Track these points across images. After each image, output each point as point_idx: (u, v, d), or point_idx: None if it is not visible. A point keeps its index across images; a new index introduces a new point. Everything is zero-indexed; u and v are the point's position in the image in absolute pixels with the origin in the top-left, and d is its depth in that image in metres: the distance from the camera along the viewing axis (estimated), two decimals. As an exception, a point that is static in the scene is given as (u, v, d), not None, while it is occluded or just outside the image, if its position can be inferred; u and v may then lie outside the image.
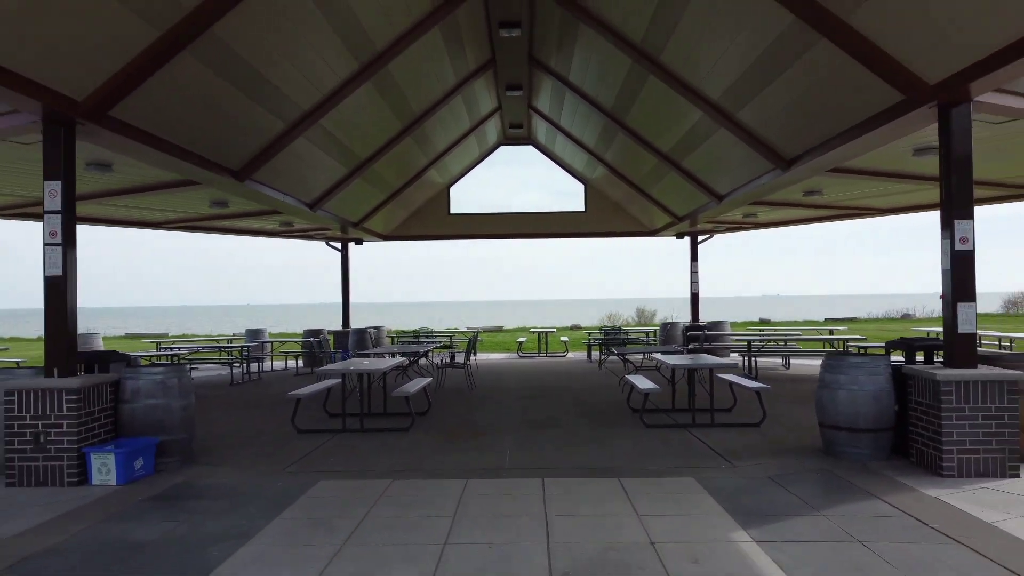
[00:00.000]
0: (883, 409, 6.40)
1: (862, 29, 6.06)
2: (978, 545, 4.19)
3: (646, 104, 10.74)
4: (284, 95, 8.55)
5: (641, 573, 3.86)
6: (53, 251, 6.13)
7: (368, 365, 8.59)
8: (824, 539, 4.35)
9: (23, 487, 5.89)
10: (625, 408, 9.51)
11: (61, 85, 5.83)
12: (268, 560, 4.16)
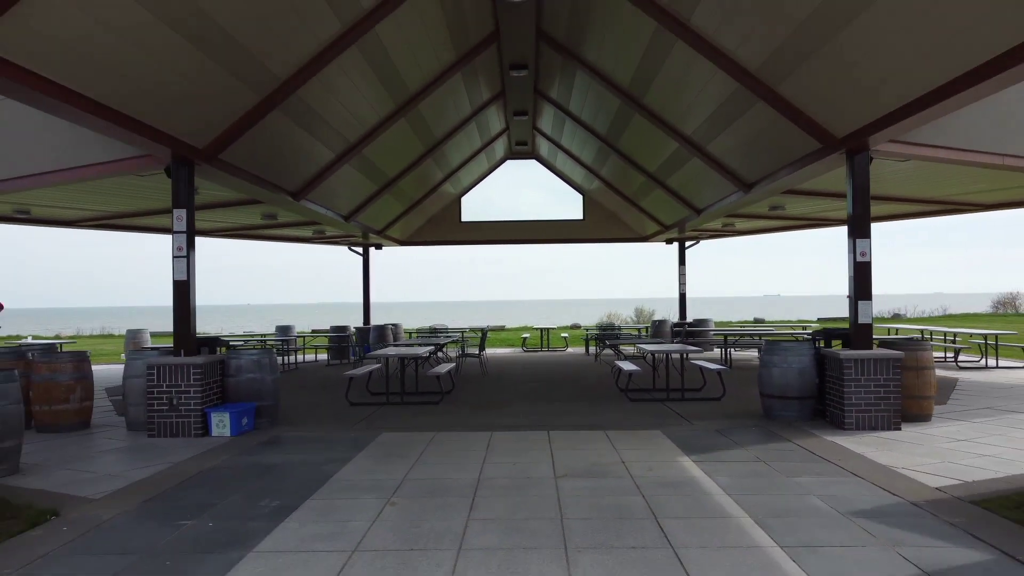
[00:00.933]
0: (806, 382, 8.51)
1: (787, 96, 8.19)
2: (843, 463, 6.30)
3: (634, 134, 12.87)
4: (336, 131, 10.67)
5: (614, 474, 5.97)
6: (179, 262, 8.25)
7: (408, 351, 10.72)
8: (739, 460, 6.47)
9: (161, 437, 7.99)
10: (614, 388, 11.62)
11: (188, 137, 7.96)
12: (367, 470, 6.27)
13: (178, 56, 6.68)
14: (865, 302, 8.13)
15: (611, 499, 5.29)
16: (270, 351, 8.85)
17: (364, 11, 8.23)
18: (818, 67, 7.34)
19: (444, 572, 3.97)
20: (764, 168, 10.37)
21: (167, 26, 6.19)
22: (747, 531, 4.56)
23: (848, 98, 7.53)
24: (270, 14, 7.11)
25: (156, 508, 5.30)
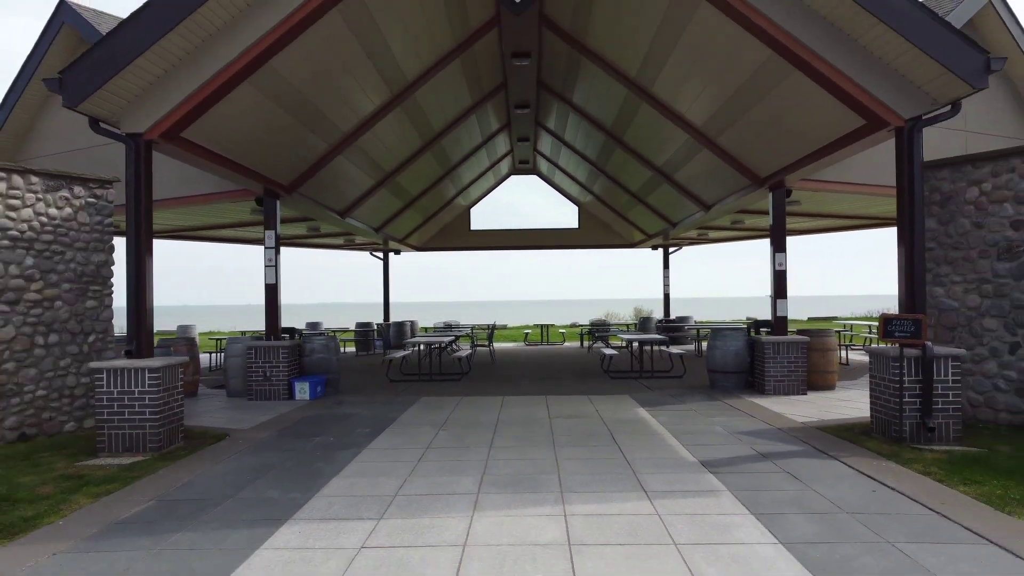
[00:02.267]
0: (741, 360, 11.43)
1: (723, 146, 11.14)
2: (748, 412, 9.22)
3: (617, 160, 15.81)
4: (377, 164, 13.61)
5: (589, 416, 8.88)
6: (270, 270, 11.18)
7: (434, 340, 13.65)
8: (677, 410, 9.40)
9: (259, 401, 10.92)
10: (600, 370, 14.56)
11: (277, 176, 10.90)
12: (419, 415, 9.21)
13: (274, 119, 9.63)
14: (782, 300, 11.05)
15: (584, 427, 8.23)
16: (334, 337, 11.80)
17: (407, 81, 11.18)
18: (744, 127, 10.29)
19: (483, 456, 6.89)
20: (717, 194, 13.32)
21: (271, 100, 9.12)
22: (666, 439, 7.49)
23: (766, 150, 10.48)
24: (342, 86, 10.06)
25: (289, 433, 8.24)
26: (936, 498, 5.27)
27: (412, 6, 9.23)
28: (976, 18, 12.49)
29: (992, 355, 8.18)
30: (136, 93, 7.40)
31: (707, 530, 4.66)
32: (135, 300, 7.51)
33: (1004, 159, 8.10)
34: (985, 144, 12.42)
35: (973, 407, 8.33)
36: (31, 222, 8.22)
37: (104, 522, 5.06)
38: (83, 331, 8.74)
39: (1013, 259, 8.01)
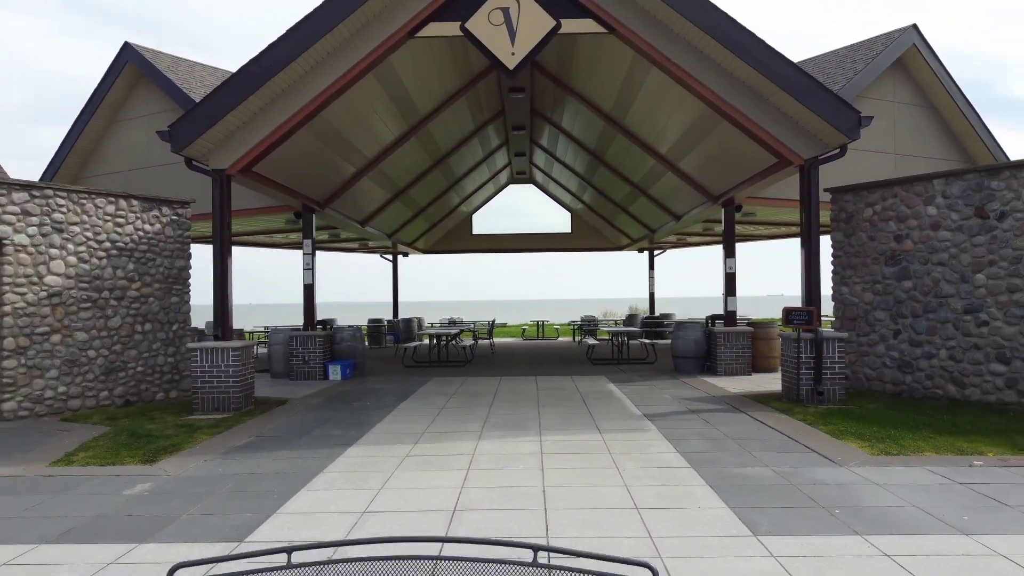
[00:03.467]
0: (700, 347, 13.86)
1: (683, 169, 13.58)
2: (696, 386, 11.65)
3: (602, 175, 18.24)
4: (393, 181, 16.05)
5: (568, 388, 11.32)
6: (307, 273, 13.61)
7: (442, 332, 16.09)
8: (639, 385, 11.83)
9: (299, 380, 13.35)
10: (585, 359, 17.00)
11: (312, 194, 13.34)
12: (433, 389, 11.65)
13: (315, 151, 12.06)
14: (732, 298, 13.48)
15: (563, 395, 10.67)
16: (360, 329, 14.26)
17: (421, 116, 13.62)
18: (697, 156, 12.73)
19: (484, 412, 9.32)
20: (684, 207, 15.77)
21: (315, 138, 11.54)
22: (623, 403, 9.93)
23: (716, 174, 12.92)
24: (368, 123, 12.51)
25: (333, 399, 10.68)
26: (797, 432, 7.70)
27: (426, 60, 11.65)
28: (904, 56, 14.95)
29: (881, 340, 10.61)
30: (221, 139, 9.84)
31: (633, 447, 7.10)
32: (220, 295, 9.95)
33: (889, 187, 10.53)
34: (913, 163, 14.88)
35: (868, 380, 10.78)
36: (132, 235, 10.66)
37: (226, 447, 7.50)
38: (169, 321, 11.19)
39: (895, 265, 10.44)
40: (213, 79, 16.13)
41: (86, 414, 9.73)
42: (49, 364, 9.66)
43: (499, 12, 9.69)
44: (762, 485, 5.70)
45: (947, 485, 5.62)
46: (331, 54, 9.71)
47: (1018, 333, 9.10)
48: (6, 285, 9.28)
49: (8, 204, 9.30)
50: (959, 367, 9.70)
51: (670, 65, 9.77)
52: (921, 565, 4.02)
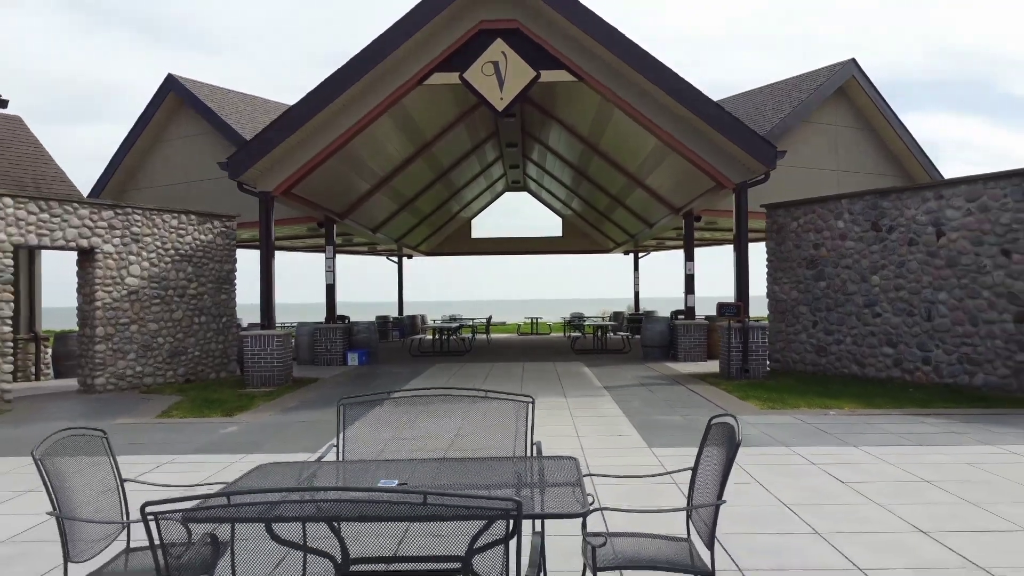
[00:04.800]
0: (664, 337, 16.36)
1: (649, 185, 16.09)
2: (656, 369, 14.16)
3: (586, 187, 20.74)
4: (401, 192, 18.57)
5: (549, 371, 13.83)
6: (329, 274, 16.12)
7: (444, 326, 18.61)
8: (609, 368, 14.34)
9: (322, 365, 15.86)
10: (569, 349, 19.52)
11: (333, 207, 15.85)
12: (438, 371, 14.17)
13: (338, 172, 14.57)
14: (691, 295, 15.99)
15: (543, 374, 13.17)
16: (374, 323, 16.77)
17: (426, 140, 16.13)
18: (658, 176, 15.25)
19: (481, 383, 11.83)
20: (654, 217, 18.28)
21: (340, 162, 14.03)
22: (590, 379, 12.43)
23: (675, 191, 15.43)
24: (382, 148, 15.03)
25: (357, 378, 13.19)
26: (716, 397, 10.21)
27: (431, 95, 14.13)
28: (845, 85, 17.45)
29: (803, 329, 13.12)
30: (267, 168, 12.35)
31: (587, 405, 9.60)
32: (265, 293, 12.47)
33: (810, 204, 13.03)
34: (854, 179, 17.34)
35: (793, 362, 13.28)
36: (191, 244, 13.18)
37: (282, 407, 10.02)
38: (219, 314, 13.70)
39: (814, 268, 12.94)
40: (244, 104, 18.68)
41: (158, 388, 12.25)
42: (129, 348, 12.18)
43: (491, 65, 12.19)
44: (670, 425, 8.22)
45: (797, 424, 8.13)
46: (356, 99, 12.22)
47: (902, 323, 11.60)
48: (97, 285, 11.79)
49: (99, 220, 11.82)
50: (860, 351, 12.20)
51: (627, 107, 12.27)
52: (747, 459, 6.51)
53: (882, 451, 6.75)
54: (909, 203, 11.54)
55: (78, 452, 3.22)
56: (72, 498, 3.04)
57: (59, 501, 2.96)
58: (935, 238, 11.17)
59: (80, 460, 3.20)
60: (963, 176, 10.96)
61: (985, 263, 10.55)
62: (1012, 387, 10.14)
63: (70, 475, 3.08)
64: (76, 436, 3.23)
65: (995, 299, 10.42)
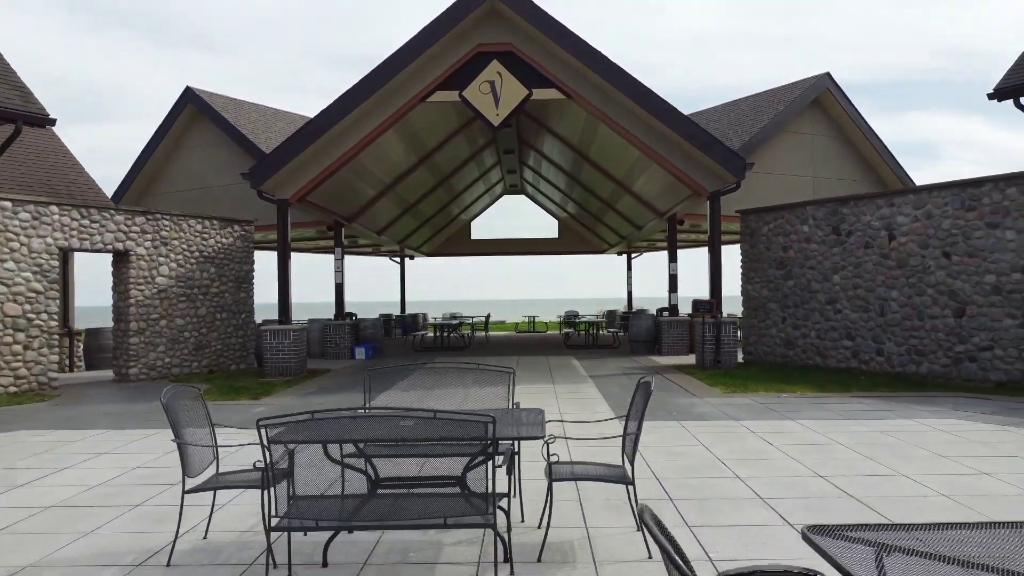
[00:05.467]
0: (650, 333, 17.67)
1: (636, 191, 17.41)
2: (639, 361, 15.48)
3: (579, 191, 22.07)
4: (403, 198, 19.89)
5: (541, 363, 15.14)
6: (338, 274, 17.44)
7: (446, 323, 19.94)
8: (597, 361, 15.66)
9: (331, 359, 17.18)
10: (564, 346, 20.83)
11: (342, 212, 17.18)
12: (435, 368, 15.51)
13: (348, 180, 15.89)
14: (675, 293, 17.30)
15: (536, 366, 14.48)
16: (379, 319, 18.10)
17: (428, 149, 17.45)
18: (643, 183, 16.56)
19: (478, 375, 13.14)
20: (642, 221, 19.60)
21: (349, 172, 15.34)
22: (578, 369, 13.74)
23: (659, 197, 16.74)
24: (387, 157, 16.35)
25: (363, 370, 14.51)
26: (687, 383, 11.52)
27: (434, 110, 15.44)
28: (820, 97, 18.73)
29: (773, 324, 14.43)
30: (285, 178, 13.66)
31: (572, 390, 10.91)
32: (282, 291, 13.77)
33: (779, 210, 14.34)
34: (829, 184, 18.62)
35: (764, 354, 14.59)
36: (213, 247, 14.50)
37: (302, 392, 11.33)
38: (238, 311, 15.02)
39: (782, 268, 14.26)
40: (256, 114, 19.99)
41: (185, 377, 13.56)
42: (159, 341, 13.50)
43: (487, 84, 13.50)
44: (641, 405, 9.52)
45: (752, 405, 9.45)
46: (365, 115, 13.53)
47: (859, 318, 12.90)
48: (131, 284, 13.11)
49: (132, 225, 13.14)
50: (823, 343, 13.51)
51: (611, 123, 13.58)
52: (699, 430, 7.81)
53: (815, 424, 8.06)
54: (865, 210, 12.84)
55: (186, 403, 4.54)
56: (184, 432, 4.36)
57: (177, 434, 4.27)
58: (887, 241, 12.47)
59: (187, 406, 4.52)
60: (910, 187, 12.27)
61: (929, 264, 11.86)
62: (952, 375, 11.46)
63: (184, 413, 4.41)
64: (184, 389, 4.55)
65: (938, 296, 11.74)
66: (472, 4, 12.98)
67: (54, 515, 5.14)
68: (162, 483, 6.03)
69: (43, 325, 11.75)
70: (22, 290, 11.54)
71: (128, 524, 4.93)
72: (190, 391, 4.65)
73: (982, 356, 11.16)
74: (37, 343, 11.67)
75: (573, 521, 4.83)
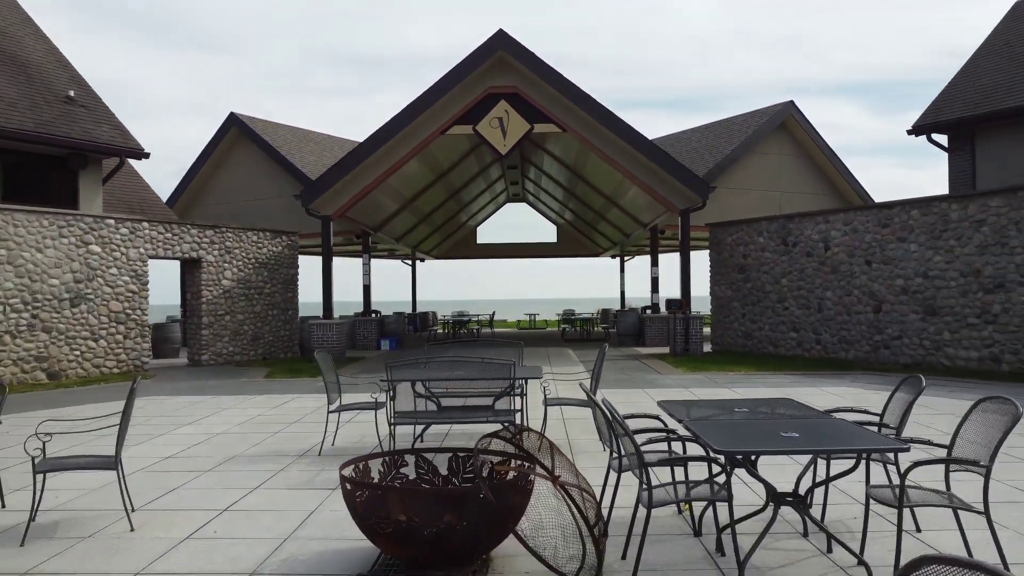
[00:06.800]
0: (635, 327, 20.67)
1: (622, 205, 20.42)
2: (623, 351, 18.48)
3: (575, 201, 25.09)
4: (420, 209, 22.91)
5: (541, 353, 18.14)
6: (366, 277, 20.45)
7: (456, 319, 22.97)
8: (588, 351, 18.67)
9: (359, 350, 20.17)
10: (561, 340, 23.83)
11: (369, 223, 20.20)
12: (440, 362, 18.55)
13: (377, 197, 18.91)
14: (656, 294, 20.30)
15: (535, 355, 17.48)
16: (401, 316, 21.12)
17: (443, 168, 20.46)
18: (627, 199, 19.58)
19: (487, 361, 16.16)
20: (628, 229, 22.62)
21: (378, 191, 18.33)
22: (572, 356, 16.74)
23: (641, 210, 19.75)
24: (409, 176, 19.37)
25: (394, 357, 17.52)
26: (657, 366, 14.51)
27: (450, 139, 18.42)
28: (785, 121, 21.74)
29: (736, 320, 17.43)
30: (329, 198, 16.66)
31: (566, 372, 13.90)
32: (326, 291, 16.75)
33: (740, 224, 17.33)
34: (794, 198, 21.57)
35: (729, 345, 17.60)
36: (266, 254, 17.51)
37: (350, 373, 14.33)
38: (286, 308, 18.04)
39: (742, 273, 17.26)
40: (291, 135, 23.01)
41: (246, 363, 16.55)
42: (224, 333, 16.50)
43: (496, 120, 16.50)
44: (616, 379, 12.52)
45: (701, 379, 12.44)
46: (394, 147, 16.53)
47: (802, 314, 15.89)
48: (202, 286, 16.12)
49: (203, 237, 16.14)
50: (774, 335, 16.51)
51: (598, 151, 16.58)
52: (659, 395, 10.79)
53: (741, 389, 11.04)
54: (807, 225, 15.84)
55: (325, 365, 7.55)
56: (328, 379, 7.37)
57: (326, 377, 7.28)
58: (824, 251, 15.46)
59: (326, 363, 7.53)
60: (840, 207, 15.24)
61: (855, 270, 14.85)
62: (872, 359, 14.46)
63: (325, 369, 7.42)
64: (324, 355, 7.56)
65: (861, 296, 14.73)
66: (484, 55, 15.99)
67: (225, 438, 8.14)
68: (281, 423, 9.04)
69: (138, 319, 14.76)
70: (122, 291, 14.55)
71: (278, 441, 7.94)
72: (328, 358, 7.65)
73: (894, 344, 14.17)
74: (133, 333, 14.68)
75: (559, 433, 7.84)
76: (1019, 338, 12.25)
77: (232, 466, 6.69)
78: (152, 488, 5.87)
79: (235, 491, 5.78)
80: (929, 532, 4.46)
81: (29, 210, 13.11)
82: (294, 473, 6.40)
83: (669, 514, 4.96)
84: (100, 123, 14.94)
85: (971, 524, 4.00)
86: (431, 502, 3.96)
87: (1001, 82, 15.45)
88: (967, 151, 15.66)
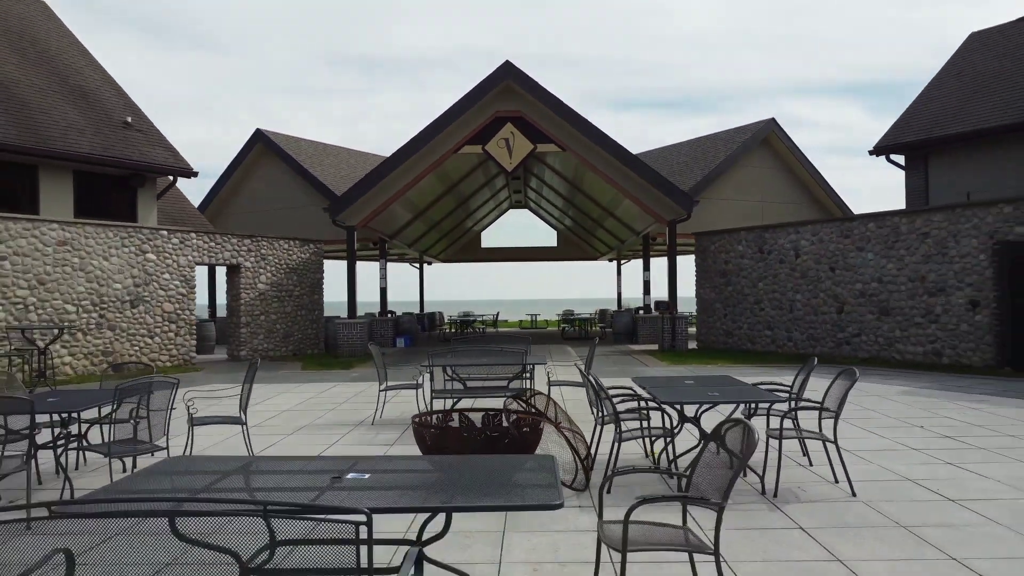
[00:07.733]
0: (629, 327, 22.75)
1: (616, 215, 22.51)
2: (620, 348, 20.56)
3: (574, 209, 27.18)
4: (430, 217, 24.99)
5: (543, 350, 20.21)
6: (382, 280, 22.53)
7: (464, 319, 25.05)
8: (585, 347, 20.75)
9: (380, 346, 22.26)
10: (561, 338, 25.90)
11: (385, 231, 22.28)
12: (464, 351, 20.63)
13: (391, 207, 21.00)
14: (648, 295, 22.37)
15: (537, 351, 19.55)
16: (414, 316, 23.21)
17: (453, 180, 22.54)
18: (621, 209, 21.67)
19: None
20: (624, 236, 24.71)
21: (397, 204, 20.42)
22: (570, 353, 18.81)
23: (634, 220, 21.84)
24: (423, 189, 21.47)
25: (411, 353, 19.59)
26: (646, 359, 16.59)
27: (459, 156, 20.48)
28: (768, 137, 23.82)
29: (719, 320, 19.51)
30: (354, 211, 18.73)
31: (562, 363, 15.97)
32: (350, 293, 18.82)
33: (722, 233, 19.41)
34: (776, 208, 23.66)
35: (712, 343, 19.68)
36: (296, 260, 19.59)
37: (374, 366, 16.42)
38: (312, 309, 20.12)
39: (724, 278, 19.35)
40: (313, 149, 25.09)
41: (280, 358, 18.61)
42: (259, 331, 18.57)
43: (503, 140, 18.58)
44: (608, 370, 14.59)
45: (682, 371, 14.51)
46: (413, 164, 18.59)
47: (776, 314, 17.97)
48: (241, 289, 18.19)
49: (241, 246, 18.21)
50: (752, 334, 18.58)
51: (594, 168, 18.66)
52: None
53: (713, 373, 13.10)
54: (780, 235, 17.92)
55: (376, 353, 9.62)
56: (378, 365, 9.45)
57: (377, 362, 9.36)
58: (795, 258, 17.54)
59: (377, 353, 9.62)
60: (809, 220, 17.29)
61: (821, 275, 16.93)
62: (835, 355, 16.53)
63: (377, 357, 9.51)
64: (375, 347, 9.65)
65: (827, 298, 16.81)
66: (492, 84, 18.06)
67: (291, 414, 10.21)
68: (332, 403, 11.11)
69: (186, 319, 16.83)
70: (174, 294, 16.62)
71: (335, 415, 10.01)
72: (379, 349, 9.72)
73: (854, 341, 16.25)
74: (183, 331, 16.76)
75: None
76: (956, 335, 14.33)
77: (307, 432, 8.76)
78: (259, 443, 7.95)
79: (318, 445, 7.85)
80: (818, 465, 6.55)
81: (97, 223, 15.18)
82: (357, 434, 8.47)
83: (638, 456, 7.03)
84: (154, 146, 17.00)
85: (833, 454, 6.09)
86: (481, 437, 6.03)
87: (950, 109, 17.55)
88: (921, 171, 17.75)
